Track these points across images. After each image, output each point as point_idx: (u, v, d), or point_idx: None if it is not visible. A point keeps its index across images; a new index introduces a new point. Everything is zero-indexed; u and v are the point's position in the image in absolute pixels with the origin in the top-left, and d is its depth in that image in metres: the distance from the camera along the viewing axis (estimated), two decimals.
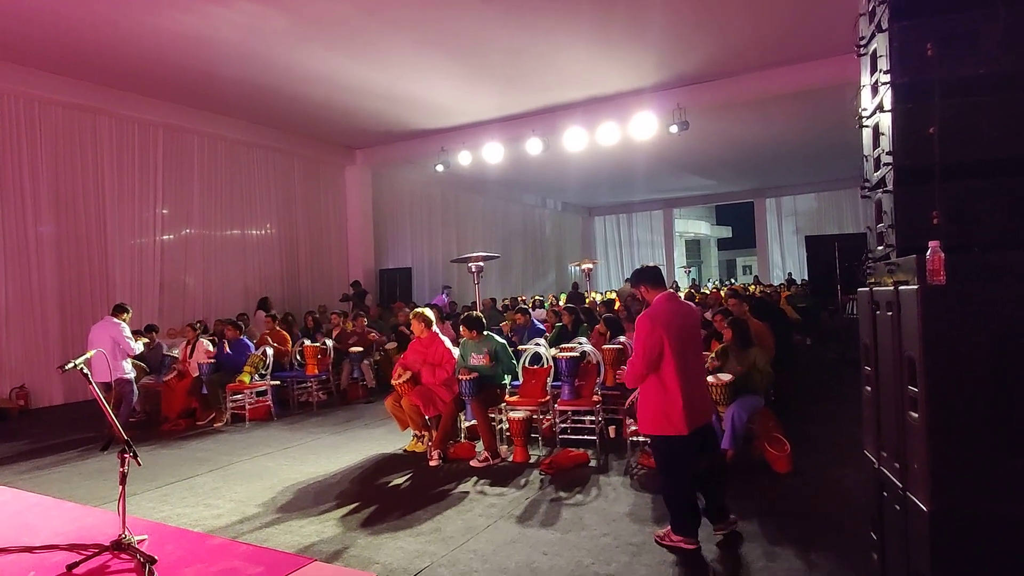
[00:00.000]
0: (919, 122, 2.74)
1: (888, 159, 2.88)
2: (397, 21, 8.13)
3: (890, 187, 2.88)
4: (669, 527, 3.71)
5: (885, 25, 2.85)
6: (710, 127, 13.13)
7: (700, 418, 3.66)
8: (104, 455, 6.21)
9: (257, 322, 11.06)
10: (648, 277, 3.81)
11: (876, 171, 3.17)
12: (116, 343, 7.16)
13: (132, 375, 7.45)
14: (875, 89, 3.13)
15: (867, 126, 3.32)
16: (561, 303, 13.00)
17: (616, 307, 10.48)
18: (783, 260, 23.76)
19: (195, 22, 7.92)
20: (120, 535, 2.91)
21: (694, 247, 38.98)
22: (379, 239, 15.59)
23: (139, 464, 2.81)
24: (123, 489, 2.81)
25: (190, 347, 8.44)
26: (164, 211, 11.17)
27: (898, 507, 2.67)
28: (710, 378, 5.06)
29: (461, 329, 6.20)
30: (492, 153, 12.60)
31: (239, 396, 7.90)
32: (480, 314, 6.29)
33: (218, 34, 8.25)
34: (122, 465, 2.81)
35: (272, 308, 11.97)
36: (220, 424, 7.73)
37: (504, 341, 6.20)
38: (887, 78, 2.84)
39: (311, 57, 9.10)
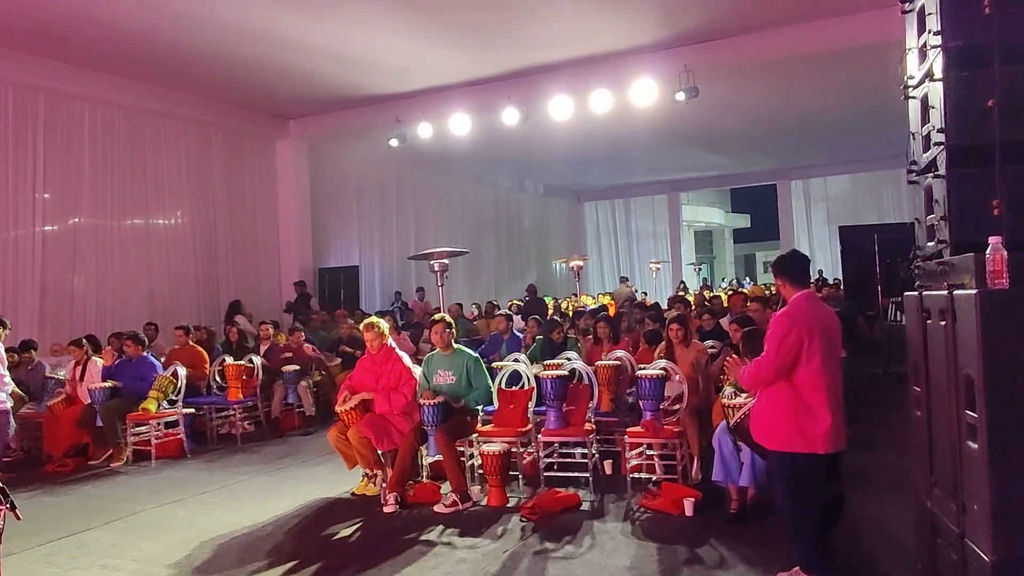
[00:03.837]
0: (976, 93, 2.81)
1: (939, 137, 2.95)
2: None
3: (942, 171, 2.95)
4: (797, 567, 3.82)
5: None
6: (724, 94, 13.26)
7: (841, 440, 3.78)
8: None
9: (245, 328, 11.26)
10: (793, 270, 3.96)
11: (925, 151, 3.24)
12: None
13: (9, 404, 7.25)
14: (923, 53, 3.21)
15: (914, 97, 3.40)
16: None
17: (611, 313, 10.56)
18: (812, 255, 23.97)
19: None
20: None
21: (705, 239, 39.33)
22: (318, 231, 15.46)
23: (18, 517, 2.75)
24: None
25: (80, 368, 8.28)
26: (45, 196, 10.94)
27: (955, 556, 2.73)
28: (724, 400, 5.12)
29: (431, 332, 6.18)
30: (458, 125, 12.58)
31: (143, 428, 7.76)
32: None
33: None
34: None
35: (247, 311, 12.32)
36: (119, 463, 7.61)
37: (477, 356, 6.21)
38: (937, 40, 2.91)
39: (232, 4, 9.00)
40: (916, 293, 3.18)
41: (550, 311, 14.85)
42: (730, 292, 15.42)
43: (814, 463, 3.71)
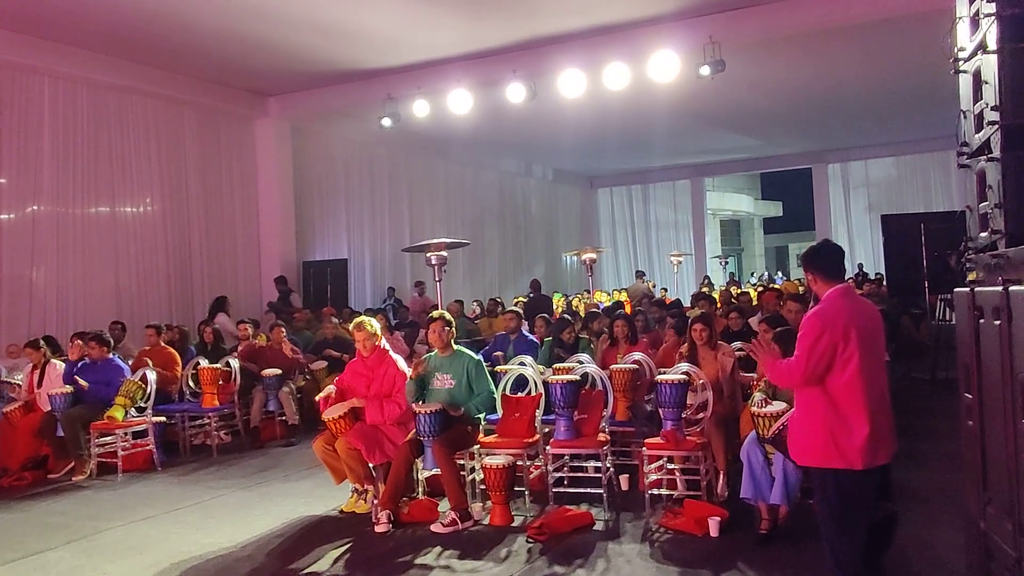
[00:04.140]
0: None
1: (993, 116, 2.95)
2: None
3: (996, 153, 2.94)
4: None
5: None
6: (753, 68, 13.23)
7: (882, 453, 3.73)
8: None
9: (223, 327, 11.27)
10: (825, 262, 3.92)
11: (977, 132, 3.24)
12: None
13: None
14: (975, 22, 3.20)
15: (965, 71, 3.39)
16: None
17: (627, 311, 10.56)
18: (851, 247, 24.02)
19: None
20: None
21: (732, 229, 39.29)
22: (303, 220, 15.48)
23: None
24: None
25: (38, 372, 8.31)
26: (1, 181, 11.00)
27: None
28: (753, 408, 5.12)
29: (428, 331, 6.20)
30: (458, 102, 12.57)
31: (109, 438, 7.80)
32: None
33: None
34: None
35: (229, 308, 12.47)
36: (81, 477, 7.64)
37: (480, 358, 6.21)
38: (991, 8, 2.91)
39: None
40: (967, 289, 3.18)
41: (559, 309, 14.85)
42: (760, 288, 15.41)
43: (858, 480, 3.65)
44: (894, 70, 14.06)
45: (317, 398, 6.29)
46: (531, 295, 15.39)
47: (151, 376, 8.13)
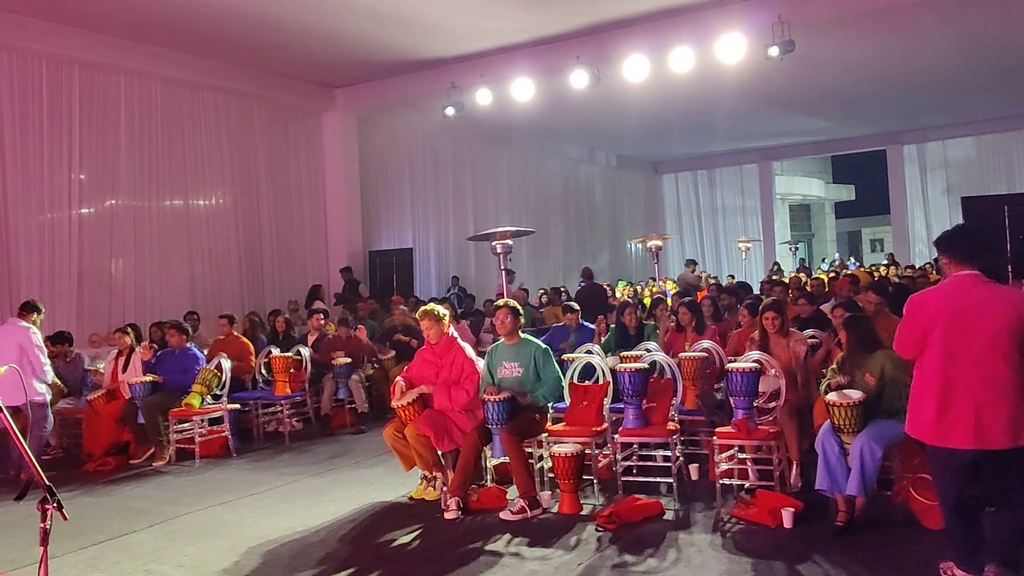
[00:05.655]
0: None
1: None
2: None
3: None
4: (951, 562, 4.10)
5: None
6: (824, 48, 12.91)
7: (956, 438, 3.83)
8: (17, 505, 6.36)
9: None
10: (954, 248, 4.04)
11: None
12: (24, 353, 7.30)
13: (48, 397, 7.62)
14: None
15: None
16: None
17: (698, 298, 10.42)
18: (928, 231, 23.33)
19: None
20: None
21: (802, 214, 38.49)
22: (369, 210, 15.69)
23: (64, 517, 2.89)
24: (45, 551, 2.89)
25: (123, 359, 8.58)
26: (81, 176, 11.37)
27: None
28: (831, 396, 5.02)
29: (495, 318, 6.22)
30: (521, 90, 12.56)
31: (186, 425, 8.00)
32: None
33: None
34: (43, 519, 2.88)
35: (325, 298, 13.35)
36: (161, 463, 7.85)
37: (547, 346, 6.21)
38: None
39: None
40: None
41: (624, 297, 14.72)
42: (832, 275, 15.06)
43: (933, 453, 3.97)
44: (974, 45, 13.55)
45: (395, 403, 6.25)
46: (583, 283, 15.24)
47: (226, 364, 8.32)
